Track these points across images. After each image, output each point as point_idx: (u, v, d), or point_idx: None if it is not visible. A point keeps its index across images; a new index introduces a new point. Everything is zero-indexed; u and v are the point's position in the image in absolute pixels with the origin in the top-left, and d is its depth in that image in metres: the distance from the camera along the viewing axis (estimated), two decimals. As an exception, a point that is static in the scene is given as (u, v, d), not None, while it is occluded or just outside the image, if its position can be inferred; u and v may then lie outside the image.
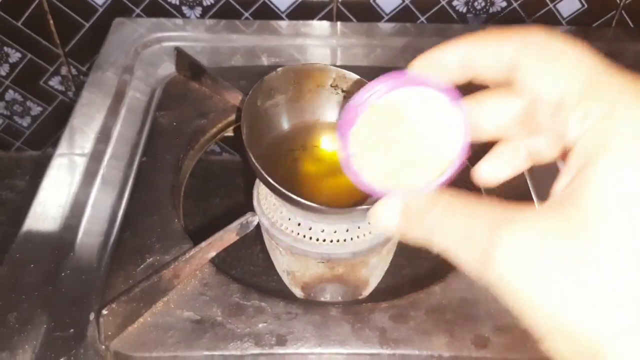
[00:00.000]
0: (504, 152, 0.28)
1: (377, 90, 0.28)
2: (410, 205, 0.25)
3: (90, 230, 0.49)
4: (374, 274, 0.52)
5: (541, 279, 0.20)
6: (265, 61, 0.70)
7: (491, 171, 0.29)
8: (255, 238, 0.49)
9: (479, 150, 0.29)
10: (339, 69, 0.52)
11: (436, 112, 0.27)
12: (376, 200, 0.34)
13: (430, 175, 0.27)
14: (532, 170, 0.50)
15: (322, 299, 0.52)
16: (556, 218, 0.21)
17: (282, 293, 0.51)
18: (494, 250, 0.21)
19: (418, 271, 0.78)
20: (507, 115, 0.26)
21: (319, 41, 0.73)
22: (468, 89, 0.27)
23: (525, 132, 0.27)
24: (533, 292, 0.20)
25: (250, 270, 0.78)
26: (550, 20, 0.77)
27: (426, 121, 0.28)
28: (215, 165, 0.92)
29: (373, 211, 0.27)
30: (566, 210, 0.20)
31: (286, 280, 0.53)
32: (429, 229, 0.24)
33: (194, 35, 0.72)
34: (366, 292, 0.54)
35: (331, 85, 0.52)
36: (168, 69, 0.66)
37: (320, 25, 0.75)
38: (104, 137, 0.57)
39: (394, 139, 0.28)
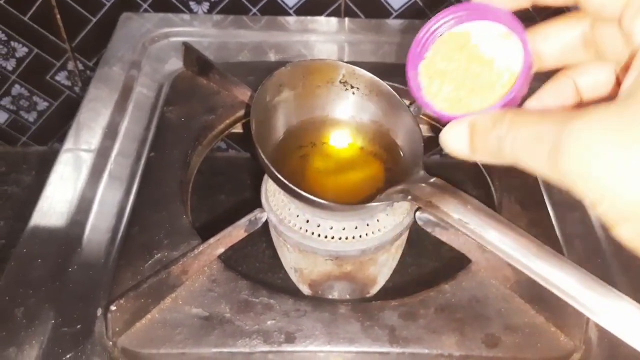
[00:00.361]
0: (551, 88, 0.30)
1: (443, 23, 0.31)
2: (477, 124, 0.27)
3: (98, 226, 0.49)
4: (382, 271, 0.52)
5: (609, 166, 0.21)
6: (272, 57, 0.69)
7: (537, 105, 0.30)
8: (261, 235, 0.49)
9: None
10: (348, 65, 0.51)
11: (499, 41, 0.30)
12: (383, 200, 0.36)
13: (494, 99, 0.29)
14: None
15: (330, 296, 0.51)
16: (621, 111, 0.21)
17: (289, 290, 0.51)
18: (562, 144, 0.22)
19: (424, 269, 0.77)
20: (570, 38, 0.28)
21: (327, 37, 0.72)
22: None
23: (590, 55, 0.28)
24: (602, 179, 0.21)
25: (256, 267, 0.78)
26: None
27: (490, 51, 0.30)
28: (222, 161, 0.92)
29: (443, 135, 0.29)
30: (630, 103, 0.21)
31: (293, 277, 0.53)
32: (499, 141, 0.25)
33: (201, 31, 0.72)
34: (374, 290, 0.53)
35: (340, 82, 0.52)
36: (175, 64, 0.66)
37: (328, 22, 0.74)
38: (111, 132, 0.57)
39: (461, 69, 0.30)
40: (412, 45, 0.33)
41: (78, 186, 0.52)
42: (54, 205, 0.50)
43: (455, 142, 0.29)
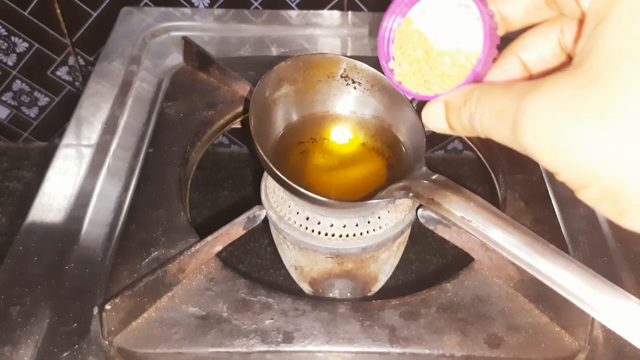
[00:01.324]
0: (499, 66, 0.31)
1: (401, 7, 0.34)
2: (450, 103, 0.29)
3: (96, 222, 0.48)
4: (383, 269, 0.51)
5: (563, 139, 0.22)
6: (274, 51, 0.68)
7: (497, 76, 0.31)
8: (263, 231, 0.48)
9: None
10: (349, 59, 0.50)
11: (460, 13, 0.31)
12: (385, 197, 0.40)
13: (464, 74, 0.30)
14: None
15: (331, 294, 0.51)
16: (573, 74, 0.22)
17: (290, 288, 0.50)
18: (520, 121, 0.23)
19: (427, 267, 0.77)
20: None
21: (330, 31, 0.72)
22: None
23: (555, 13, 0.28)
24: (559, 152, 0.22)
25: (257, 263, 0.77)
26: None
27: (453, 24, 0.31)
28: (224, 157, 0.91)
29: (423, 115, 0.32)
30: (582, 66, 0.22)
31: (294, 275, 0.52)
32: (470, 118, 0.28)
33: (202, 25, 0.71)
34: (375, 288, 0.53)
35: (341, 76, 0.51)
36: (175, 59, 0.65)
37: (330, 15, 0.73)
38: (110, 127, 0.56)
39: (427, 48, 0.32)
40: (379, 31, 0.36)
41: (77, 182, 0.51)
42: (52, 201, 0.49)
43: (434, 121, 0.31)
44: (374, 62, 0.50)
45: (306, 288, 0.52)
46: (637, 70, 0.20)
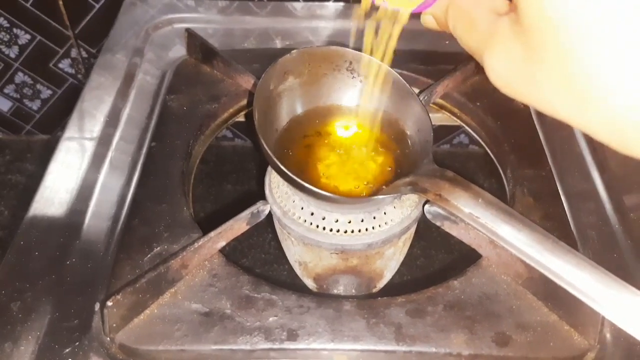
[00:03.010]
0: None
1: None
2: (434, 13, 0.33)
3: (97, 217, 0.47)
4: (389, 265, 0.50)
5: (521, 87, 0.25)
6: (278, 44, 0.67)
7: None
8: (266, 226, 0.47)
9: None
10: (355, 52, 0.49)
11: None
12: (391, 192, 0.41)
13: None
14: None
15: (335, 290, 0.50)
16: (518, 37, 0.24)
17: (293, 283, 0.50)
18: (485, 64, 0.26)
19: (432, 263, 0.76)
20: None
21: (335, 23, 0.71)
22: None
23: None
24: (519, 95, 0.25)
25: (261, 258, 0.77)
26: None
27: None
28: (228, 150, 0.91)
29: (423, 21, 0.35)
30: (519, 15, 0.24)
31: (298, 271, 0.52)
32: (451, 22, 0.30)
33: (206, 17, 0.70)
34: (380, 285, 0.52)
35: (347, 69, 0.50)
36: (179, 51, 0.64)
37: (336, 7, 0.72)
38: (113, 120, 0.56)
39: None
40: None
41: (79, 175, 0.50)
42: (53, 194, 0.49)
43: (429, 24, 0.34)
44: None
45: (310, 284, 0.51)
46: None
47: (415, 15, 0.35)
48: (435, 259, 0.76)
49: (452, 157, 0.91)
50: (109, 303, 0.38)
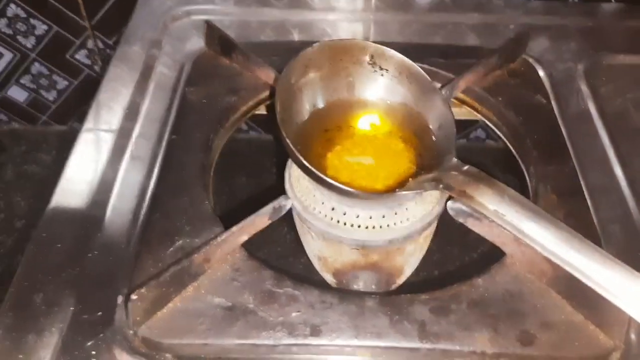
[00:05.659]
0: None
1: None
2: None
3: (119, 210, 0.47)
4: (409, 262, 0.50)
5: None
6: (296, 37, 0.67)
7: None
8: (283, 219, 0.47)
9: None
10: (377, 45, 0.49)
11: None
12: (414, 188, 0.40)
13: None
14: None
15: (355, 286, 0.50)
16: None
17: (312, 278, 0.49)
18: None
19: (449, 259, 0.75)
20: None
21: (353, 16, 0.70)
22: None
23: None
24: None
25: (277, 252, 0.77)
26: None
27: None
28: (242, 143, 0.90)
29: None
30: None
31: (317, 265, 0.51)
32: None
33: (223, 9, 0.70)
34: (400, 281, 0.52)
35: (369, 63, 0.50)
36: (197, 43, 0.64)
37: (353, 0, 0.72)
38: (131, 113, 0.55)
39: None
40: None
41: (98, 168, 0.50)
42: (74, 187, 0.49)
43: None
44: (400, 48, 0.49)
45: (329, 279, 0.51)
46: None
47: (435, 9, 0.33)
48: (452, 256, 0.75)
49: (469, 151, 0.91)
50: (134, 297, 0.38)
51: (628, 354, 0.39)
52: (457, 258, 0.76)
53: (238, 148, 0.90)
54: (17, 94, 0.90)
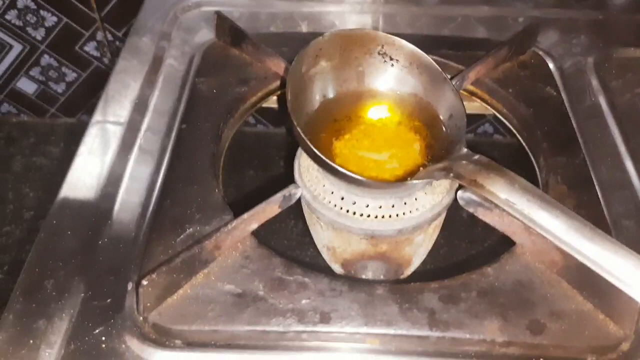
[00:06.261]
0: None
1: None
2: None
3: (128, 199, 0.48)
4: (417, 252, 0.50)
5: None
6: (304, 28, 0.67)
7: None
8: (289, 210, 0.47)
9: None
10: (388, 35, 0.49)
11: None
12: (424, 178, 0.39)
13: None
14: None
15: (363, 276, 0.50)
16: None
17: (320, 268, 0.49)
18: None
19: (456, 251, 0.75)
20: None
21: (362, 7, 0.70)
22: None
23: None
24: None
25: (284, 243, 0.77)
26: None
27: None
28: (250, 136, 0.91)
29: None
30: None
31: (325, 255, 0.51)
32: None
33: (232, 1, 0.70)
34: (408, 271, 0.52)
35: (379, 53, 0.50)
36: (206, 35, 0.64)
37: (362, -8, 0.72)
38: (141, 105, 0.56)
39: None
40: None
41: (107, 159, 0.51)
42: (83, 177, 0.49)
43: None
44: (410, 40, 0.49)
45: (338, 269, 0.51)
46: None
47: (444, 1, 0.32)
48: (459, 248, 0.75)
49: (476, 146, 0.90)
50: (144, 282, 0.38)
51: (638, 344, 0.39)
52: (464, 251, 0.76)
53: (245, 141, 0.90)
54: (26, 85, 0.90)
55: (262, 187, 0.80)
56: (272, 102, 0.60)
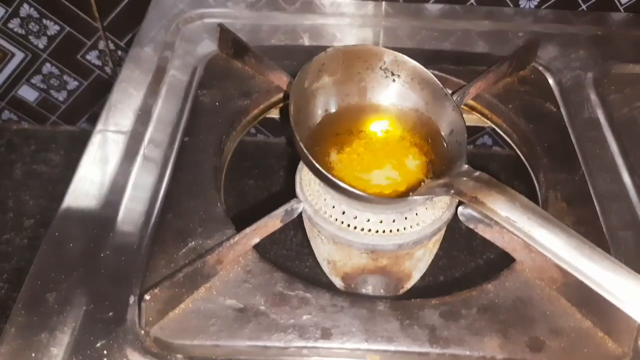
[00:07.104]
0: None
1: None
2: None
3: (131, 210, 0.48)
4: (418, 266, 0.50)
5: None
6: (306, 41, 0.67)
7: None
8: (289, 223, 0.47)
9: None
10: (390, 51, 0.49)
11: None
12: (425, 193, 0.40)
13: None
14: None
15: (363, 290, 0.50)
16: None
17: (319, 280, 0.50)
18: None
19: (455, 265, 0.76)
20: None
21: (363, 21, 0.70)
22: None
23: None
24: None
25: (283, 254, 0.77)
26: (607, 6, 0.74)
27: None
28: (250, 146, 0.91)
29: None
30: None
31: (326, 269, 0.52)
32: None
33: (234, 12, 0.70)
34: (408, 285, 0.52)
35: (381, 68, 0.50)
36: (209, 46, 0.65)
37: (364, 5, 0.72)
38: (144, 115, 0.56)
39: None
40: None
41: (110, 169, 0.51)
42: (86, 187, 0.49)
43: None
44: (410, 54, 0.49)
45: (338, 282, 0.51)
46: None
47: (445, 15, 0.32)
48: (458, 261, 0.76)
49: (476, 158, 0.91)
50: (147, 297, 0.38)
51: (636, 362, 0.40)
52: (463, 264, 0.76)
53: (246, 150, 0.90)
54: (27, 93, 0.91)
55: (263, 198, 0.80)
56: (273, 113, 0.61)
